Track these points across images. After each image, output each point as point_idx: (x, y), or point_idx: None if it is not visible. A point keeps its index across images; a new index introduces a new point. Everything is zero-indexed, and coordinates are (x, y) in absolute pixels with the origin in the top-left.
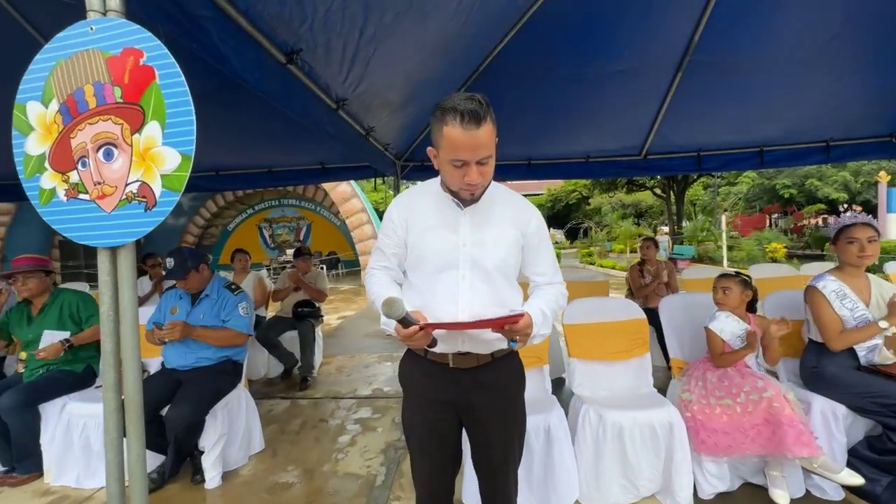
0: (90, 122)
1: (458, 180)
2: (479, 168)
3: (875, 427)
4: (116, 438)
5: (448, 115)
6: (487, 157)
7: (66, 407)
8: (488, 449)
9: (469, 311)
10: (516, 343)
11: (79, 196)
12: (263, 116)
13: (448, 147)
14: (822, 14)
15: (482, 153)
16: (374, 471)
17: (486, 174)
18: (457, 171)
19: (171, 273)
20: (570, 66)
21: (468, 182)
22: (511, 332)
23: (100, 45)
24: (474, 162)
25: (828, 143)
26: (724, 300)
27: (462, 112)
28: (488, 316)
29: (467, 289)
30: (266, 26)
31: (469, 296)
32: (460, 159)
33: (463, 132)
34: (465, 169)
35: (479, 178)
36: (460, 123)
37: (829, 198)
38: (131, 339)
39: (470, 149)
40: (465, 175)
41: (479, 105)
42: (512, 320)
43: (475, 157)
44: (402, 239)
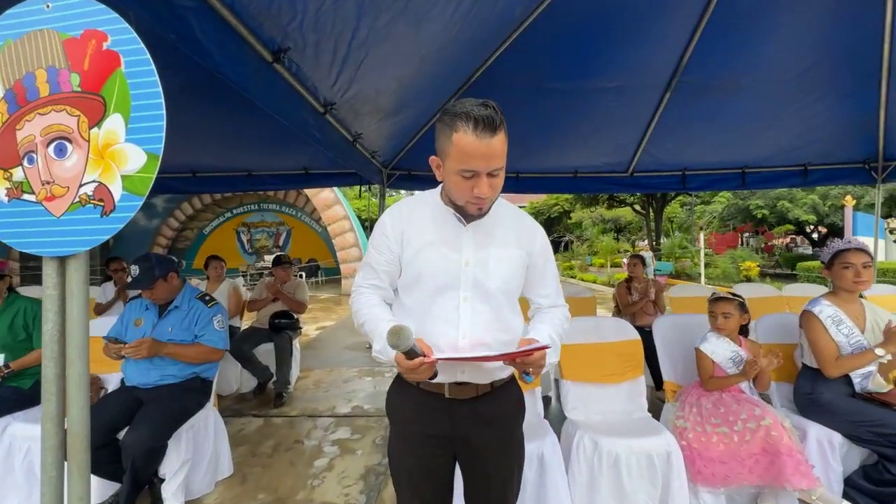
0: (41, 113)
1: (465, 193)
2: (490, 180)
3: (870, 456)
4: (56, 478)
5: (459, 120)
6: (499, 169)
7: (9, 428)
8: (487, 484)
9: (470, 335)
10: (531, 377)
11: (23, 196)
12: (245, 117)
13: (457, 156)
14: (804, 43)
15: (495, 164)
16: (353, 499)
17: (496, 187)
18: (465, 182)
19: (135, 283)
20: (562, 82)
21: (477, 195)
22: (524, 363)
23: (57, 25)
24: (485, 173)
25: (805, 167)
26: (724, 325)
27: (476, 118)
28: (488, 341)
29: (468, 311)
30: (252, 21)
31: (470, 319)
32: (471, 170)
33: (476, 140)
34: (474, 181)
35: (489, 191)
36: (473, 130)
37: (798, 219)
38: (79, 365)
39: (483, 159)
40: (474, 187)
41: (495, 112)
42: (528, 352)
43: (487, 168)
44: (397, 255)
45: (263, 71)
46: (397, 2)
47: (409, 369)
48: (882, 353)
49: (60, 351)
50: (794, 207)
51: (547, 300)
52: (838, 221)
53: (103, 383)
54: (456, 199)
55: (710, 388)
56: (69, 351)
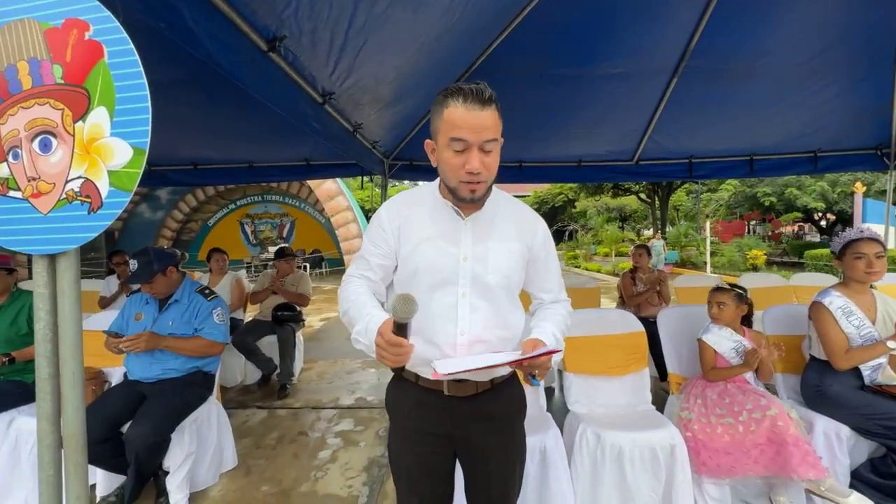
0: (24, 106)
1: (457, 170)
2: (482, 156)
3: (878, 449)
4: (53, 476)
5: (450, 97)
6: (492, 143)
7: (14, 422)
8: (487, 482)
9: (469, 332)
10: (538, 380)
11: (9, 193)
12: (245, 108)
13: (448, 128)
14: (816, 26)
15: (486, 135)
16: (356, 491)
17: (489, 166)
18: (457, 157)
19: (134, 277)
20: (565, 68)
21: (469, 170)
22: (531, 367)
23: (37, 15)
24: (477, 146)
25: (815, 153)
26: (718, 315)
27: (465, 91)
28: (487, 338)
29: (467, 308)
30: (245, 8)
31: (469, 315)
32: (461, 138)
33: (466, 110)
34: (466, 156)
35: (481, 166)
36: (463, 102)
37: (806, 207)
38: (72, 364)
39: (472, 129)
40: (465, 163)
41: (485, 87)
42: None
43: (478, 139)
44: (393, 249)
45: (258, 60)
46: None
47: (389, 343)
48: (894, 346)
49: (53, 350)
50: (803, 195)
51: (549, 295)
52: (847, 209)
53: (107, 377)
54: (449, 181)
55: (711, 378)
56: (62, 350)
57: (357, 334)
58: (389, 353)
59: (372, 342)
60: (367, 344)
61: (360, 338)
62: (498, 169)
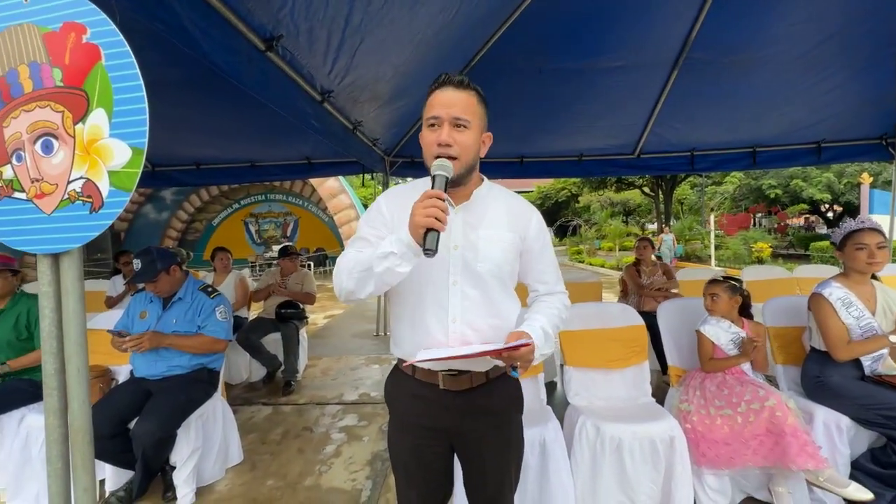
0: (26, 109)
1: (431, 146)
2: (453, 132)
3: (879, 439)
4: (61, 469)
5: (433, 84)
6: (464, 121)
7: (25, 419)
8: (483, 478)
9: (460, 319)
10: (517, 372)
11: (13, 194)
12: (246, 107)
13: (426, 112)
14: (817, 15)
15: (455, 111)
16: (360, 485)
17: (460, 142)
18: (431, 134)
19: (138, 276)
20: (564, 62)
21: (437, 141)
22: (510, 358)
23: (36, 19)
24: (447, 121)
25: (819, 144)
26: (712, 307)
27: (443, 76)
28: (479, 326)
29: (458, 296)
30: (242, 8)
31: (460, 303)
32: (434, 116)
33: (440, 90)
34: (439, 129)
35: (450, 139)
36: (439, 87)
37: (812, 198)
38: (77, 360)
39: (443, 105)
40: (438, 135)
41: (464, 77)
42: (513, 349)
43: (448, 114)
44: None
45: (256, 60)
46: None
47: (428, 196)
48: (895, 340)
49: (59, 346)
50: (809, 186)
51: (545, 286)
52: (854, 200)
53: (114, 375)
54: (426, 158)
55: (708, 369)
56: (67, 346)
57: (383, 249)
58: (427, 204)
59: (401, 236)
60: (397, 240)
61: (390, 248)
62: (498, 164)
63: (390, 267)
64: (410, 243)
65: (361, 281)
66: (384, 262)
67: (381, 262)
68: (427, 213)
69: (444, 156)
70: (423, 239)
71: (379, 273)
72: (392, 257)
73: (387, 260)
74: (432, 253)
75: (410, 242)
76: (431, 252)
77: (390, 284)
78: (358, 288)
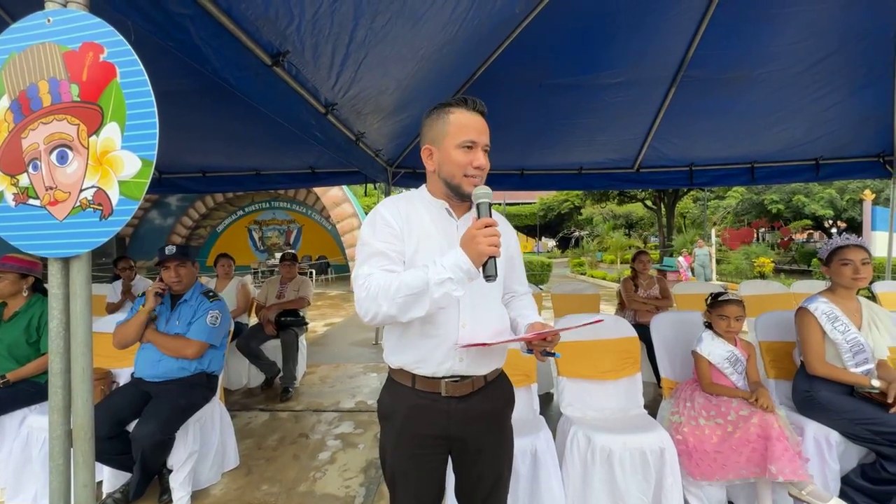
0: (43, 122)
1: (465, 166)
2: (483, 156)
3: (868, 455)
4: (63, 465)
5: (452, 105)
6: (488, 148)
7: (26, 420)
8: (479, 481)
9: (470, 324)
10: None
11: (28, 201)
12: (251, 118)
13: (457, 132)
14: (814, 34)
15: (486, 139)
16: (353, 492)
17: (487, 167)
18: (465, 156)
19: (173, 256)
20: (565, 78)
21: (476, 165)
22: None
23: (57, 39)
24: (481, 146)
25: (817, 161)
26: (737, 327)
27: (466, 99)
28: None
29: (468, 302)
30: (251, 26)
31: (470, 309)
32: (471, 140)
33: (471, 115)
34: (473, 153)
35: (486, 162)
36: (467, 108)
37: (815, 214)
38: (83, 360)
39: (478, 131)
40: (473, 160)
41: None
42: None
43: (482, 141)
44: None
45: (263, 75)
46: (394, 2)
47: (482, 226)
48: (878, 385)
49: (66, 346)
50: (811, 202)
51: (522, 287)
52: (857, 216)
53: (115, 377)
54: (454, 176)
55: (709, 391)
56: (73, 347)
57: (437, 275)
58: (488, 233)
59: (459, 262)
60: (454, 265)
61: (445, 274)
62: (498, 176)
63: (448, 292)
64: (470, 269)
65: (407, 305)
66: (441, 288)
67: (438, 288)
68: (490, 241)
69: (478, 177)
70: (484, 266)
71: (436, 298)
72: (449, 283)
73: (443, 286)
74: (493, 278)
75: (470, 268)
76: (493, 277)
77: (442, 308)
78: (401, 312)
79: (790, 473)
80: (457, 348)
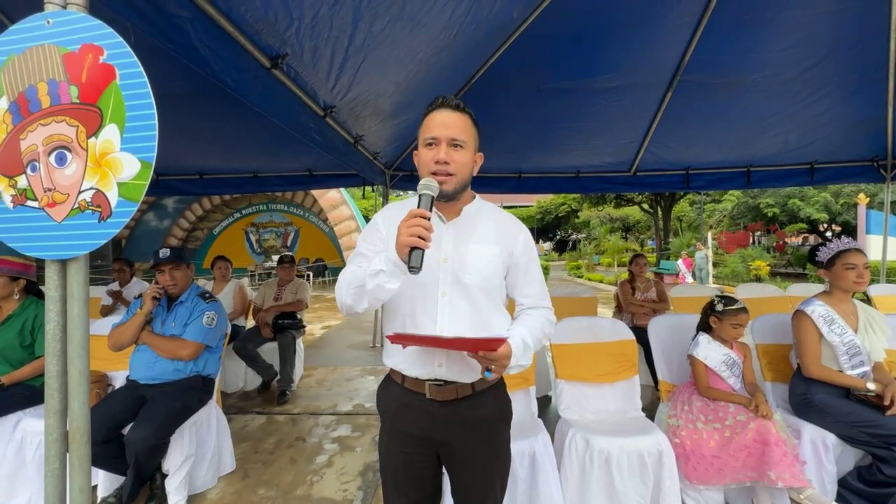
0: (42, 123)
1: (428, 163)
2: (450, 151)
3: (865, 457)
4: (58, 469)
5: (428, 107)
6: (460, 142)
7: (20, 423)
8: (467, 487)
9: (447, 329)
10: (490, 373)
11: (27, 203)
12: (249, 120)
13: (423, 131)
14: (807, 39)
15: (453, 132)
16: (351, 495)
17: (457, 161)
18: (429, 152)
19: (167, 259)
20: (562, 81)
21: (435, 159)
22: (486, 359)
23: (57, 41)
24: (445, 141)
25: (812, 165)
26: (742, 333)
27: (439, 99)
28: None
29: (447, 307)
30: (250, 29)
31: (448, 314)
32: (432, 136)
33: (437, 112)
34: (437, 148)
35: (446, 157)
36: (436, 108)
37: (810, 218)
38: (79, 363)
39: (441, 126)
40: (435, 154)
41: (460, 101)
42: (489, 345)
43: (445, 135)
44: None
45: (262, 77)
46: (393, 6)
47: (412, 216)
48: (873, 388)
49: (62, 349)
50: (806, 206)
51: (529, 300)
52: (851, 220)
53: (111, 380)
54: (422, 173)
55: (707, 396)
56: (70, 349)
57: (373, 267)
58: (412, 223)
59: (389, 255)
60: (386, 258)
61: (380, 267)
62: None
63: (380, 284)
64: (397, 261)
65: (357, 296)
66: (374, 280)
67: (371, 280)
68: (411, 231)
69: (442, 173)
70: (409, 257)
71: (370, 290)
72: (381, 275)
73: (376, 277)
74: (416, 270)
75: (397, 260)
76: (416, 269)
77: (382, 300)
78: (354, 303)
79: (790, 479)
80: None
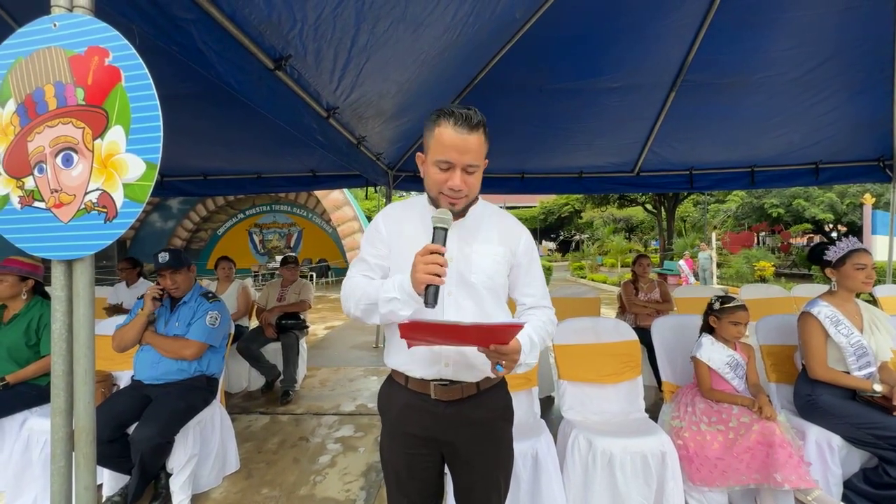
0: (49, 125)
1: (439, 184)
2: (465, 176)
3: (871, 459)
4: (64, 468)
5: (442, 117)
6: (474, 167)
7: (27, 423)
8: (469, 491)
9: None
10: (502, 367)
11: (34, 204)
12: (253, 121)
13: (436, 147)
14: (811, 40)
15: (469, 159)
16: (354, 495)
17: (470, 185)
18: (441, 174)
19: (166, 264)
20: (565, 82)
21: (450, 186)
22: (498, 353)
23: (63, 43)
24: (460, 167)
25: (817, 165)
26: (744, 332)
27: (456, 114)
28: None
29: (453, 305)
30: (254, 31)
31: (455, 312)
32: (446, 160)
33: (454, 132)
34: (449, 173)
35: (462, 185)
36: (453, 124)
37: (815, 218)
38: (85, 362)
39: (458, 151)
40: (448, 179)
41: (475, 113)
42: (505, 332)
43: (462, 161)
44: (388, 251)
45: (265, 79)
46: (396, 8)
47: (427, 251)
48: (879, 389)
49: (68, 348)
50: (811, 206)
51: (531, 299)
52: (857, 220)
53: (115, 380)
54: (430, 190)
55: (710, 398)
56: (76, 348)
57: (385, 292)
58: (427, 260)
59: (403, 285)
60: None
61: (392, 294)
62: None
63: (393, 310)
64: (412, 293)
65: (367, 313)
66: (388, 305)
67: (385, 305)
68: (428, 269)
69: (455, 200)
70: (425, 292)
71: (383, 313)
72: (395, 302)
73: (390, 304)
74: (432, 305)
75: (412, 292)
76: (431, 305)
77: (393, 322)
78: (365, 317)
79: (796, 481)
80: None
